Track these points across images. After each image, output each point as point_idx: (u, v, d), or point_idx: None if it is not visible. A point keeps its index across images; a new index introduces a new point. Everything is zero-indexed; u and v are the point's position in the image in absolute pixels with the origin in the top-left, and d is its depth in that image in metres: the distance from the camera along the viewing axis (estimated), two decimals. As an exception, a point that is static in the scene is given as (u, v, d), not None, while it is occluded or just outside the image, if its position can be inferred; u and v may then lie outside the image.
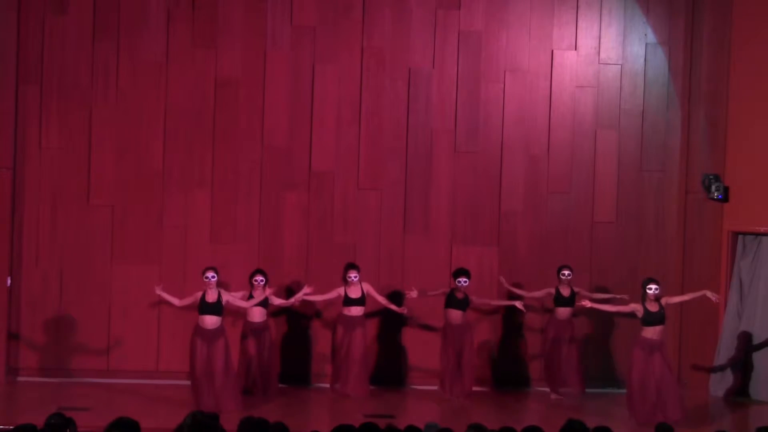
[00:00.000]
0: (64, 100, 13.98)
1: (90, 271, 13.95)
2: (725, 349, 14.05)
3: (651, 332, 12.10)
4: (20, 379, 13.80)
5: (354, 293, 13.34)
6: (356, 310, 13.34)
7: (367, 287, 13.44)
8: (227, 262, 13.82)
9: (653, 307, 12.09)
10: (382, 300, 13.53)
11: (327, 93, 14.27)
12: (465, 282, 13.39)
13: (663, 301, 12.17)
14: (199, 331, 12.33)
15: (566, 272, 13.64)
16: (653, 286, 12.11)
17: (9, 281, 13.73)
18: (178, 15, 14.09)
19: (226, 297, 12.50)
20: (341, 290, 13.34)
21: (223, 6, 14.12)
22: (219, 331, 12.35)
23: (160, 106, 14.07)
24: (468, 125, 14.42)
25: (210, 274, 12.45)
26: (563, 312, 13.70)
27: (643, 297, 12.13)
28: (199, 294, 12.38)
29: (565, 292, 13.64)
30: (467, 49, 14.41)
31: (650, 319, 12.07)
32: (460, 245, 14.33)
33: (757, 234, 14.02)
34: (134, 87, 14.04)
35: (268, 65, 14.20)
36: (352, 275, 13.30)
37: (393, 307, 13.54)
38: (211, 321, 12.34)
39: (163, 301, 13.05)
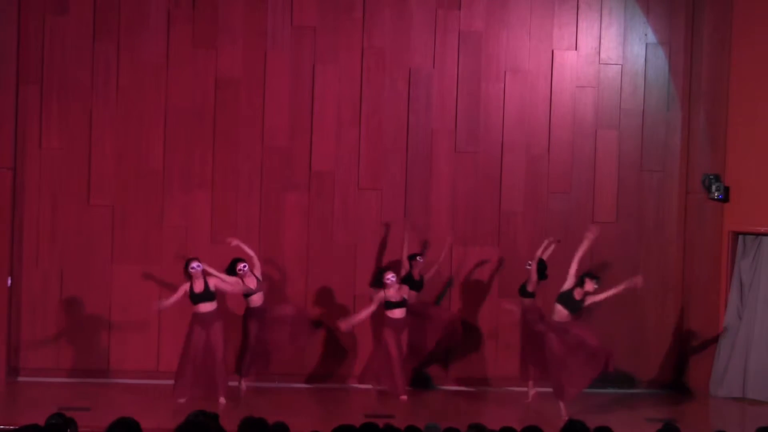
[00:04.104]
0: (64, 100, 13.98)
1: (90, 271, 13.95)
2: (725, 350, 14.06)
3: (561, 314, 12.30)
4: (20, 379, 13.81)
5: (395, 296, 13.17)
6: (399, 312, 13.19)
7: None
8: (227, 262, 13.82)
9: (578, 295, 12.25)
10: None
11: (327, 93, 14.26)
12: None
13: (588, 299, 12.27)
14: (197, 318, 12.57)
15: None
16: (591, 282, 12.27)
17: (9, 281, 13.73)
18: (178, 15, 14.08)
19: (213, 282, 12.64)
20: (381, 295, 13.20)
21: (223, 6, 14.11)
22: (216, 315, 12.59)
23: (160, 106, 14.07)
24: (468, 125, 14.42)
25: (195, 264, 12.58)
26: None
27: (581, 282, 12.25)
28: (187, 285, 12.54)
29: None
30: (467, 49, 14.40)
31: (569, 304, 12.26)
32: (461, 245, 14.32)
33: (758, 234, 14.03)
34: (134, 87, 14.04)
35: (269, 65, 14.20)
36: (389, 276, 13.16)
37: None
38: (205, 307, 12.57)
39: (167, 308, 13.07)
